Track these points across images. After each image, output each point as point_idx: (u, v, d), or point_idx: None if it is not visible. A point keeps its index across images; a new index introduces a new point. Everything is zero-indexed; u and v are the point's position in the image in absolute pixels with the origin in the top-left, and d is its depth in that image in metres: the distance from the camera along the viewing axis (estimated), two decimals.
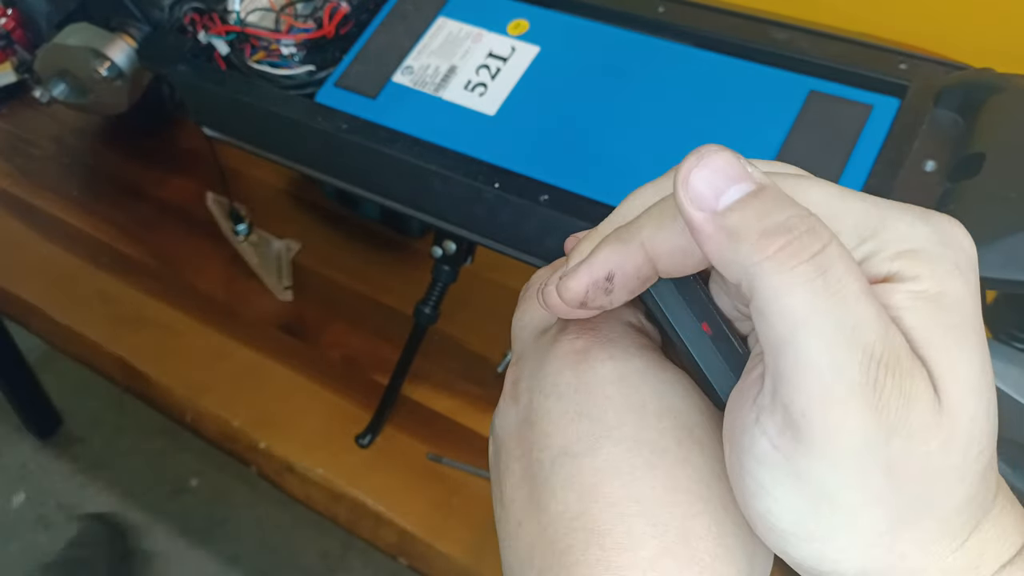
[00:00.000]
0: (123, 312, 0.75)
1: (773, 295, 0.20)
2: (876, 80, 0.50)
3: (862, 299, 0.19)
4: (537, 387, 0.25)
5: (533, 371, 0.25)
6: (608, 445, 0.23)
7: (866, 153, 0.47)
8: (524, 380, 0.26)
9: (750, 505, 0.21)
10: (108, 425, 1.53)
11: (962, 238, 0.21)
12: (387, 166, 0.54)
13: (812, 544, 0.20)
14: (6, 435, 1.52)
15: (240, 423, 0.66)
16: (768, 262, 0.20)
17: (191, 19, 0.64)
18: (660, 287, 0.24)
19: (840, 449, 0.19)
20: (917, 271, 0.21)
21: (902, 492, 0.20)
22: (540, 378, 0.25)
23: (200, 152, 0.87)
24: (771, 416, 0.20)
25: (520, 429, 0.25)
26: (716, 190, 0.20)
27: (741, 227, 0.20)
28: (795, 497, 0.20)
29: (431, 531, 0.59)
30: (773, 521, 0.21)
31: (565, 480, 0.23)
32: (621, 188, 0.48)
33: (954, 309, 0.20)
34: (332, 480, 0.62)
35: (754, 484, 0.21)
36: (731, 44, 0.53)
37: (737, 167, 0.21)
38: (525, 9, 0.58)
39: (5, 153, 0.92)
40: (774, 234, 0.20)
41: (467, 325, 0.72)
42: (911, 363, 0.20)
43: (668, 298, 0.24)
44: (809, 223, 0.20)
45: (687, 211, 0.21)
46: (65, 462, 1.49)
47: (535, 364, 0.26)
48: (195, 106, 0.64)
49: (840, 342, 0.19)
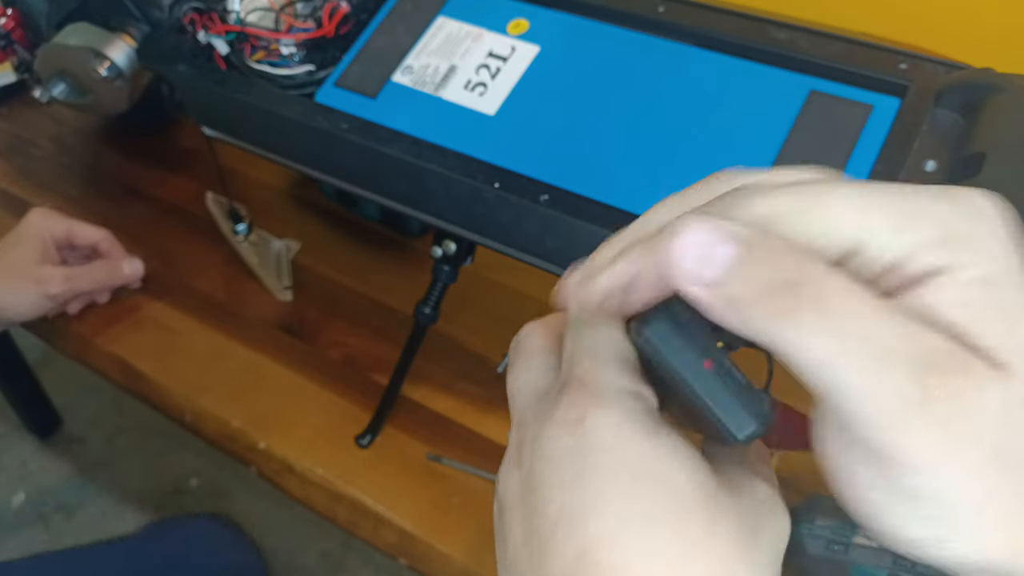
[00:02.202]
0: (123, 312, 0.75)
1: (794, 349, 0.20)
2: (876, 80, 0.50)
3: (880, 318, 0.20)
4: (537, 453, 0.25)
5: (534, 436, 0.26)
6: (604, 513, 0.23)
7: (866, 153, 0.47)
8: (526, 445, 0.26)
9: (877, 523, 0.22)
10: (108, 425, 1.53)
11: (989, 208, 0.21)
12: (387, 166, 0.54)
13: (948, 545, 0.21)
14: (6, 435, 1.53)
15: (240, 423, 0.66)
16: (776, 321, 0.20)
17: (191, 19, 0.64)
18: (656, 329, 0.24)
19: (931, 463, 0.20)
20: (958, 258, 0.20)
21: (1016, 474, 0.20)
22: (540, 444, 0.25)
23: (199, 152, 0.87)
24: (855, 451, 0.21)
25: (522, 494, 0.26)
26: (703, 261, 0.21)
27: (738, 295, 0.21)
28: (917, 511, 0.21)
29: (431, 531, 0.59)
30: (904, 535, 0.21)
31: (563, 547, 0.23)
32: (621, 188, 0.49)
33: (1003, 286, 0.20)
34: (332, 480, 0.62)
35: (872, 507, 0.21)
36: (731, 44, 0.53)
37: (715, 232, 0.21)
38: (525, 8, 0.58)
39: (5, 153, 0.92)
40: (772, 294, 0.20)
41: (467, 325, 0.72)
42: (962, 354, 0.20)
43: (667, 342, 0.24)
44: (801, 268, 0.20)
45: (686, 290, 0.21)
46: (65, 462, 1.50)
47: (535, 429, 0.26)
48: (195, 106, 0.64)
49: (875, 370, 0.19)
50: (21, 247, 0.72)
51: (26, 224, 0.73)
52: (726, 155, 0.49)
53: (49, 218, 0.74)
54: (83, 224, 0.75)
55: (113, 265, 0.74)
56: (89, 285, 0.73)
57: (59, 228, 0.74)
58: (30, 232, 0.72)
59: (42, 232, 0.73)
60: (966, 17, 0.88)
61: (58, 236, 0.73)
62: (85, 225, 0.75)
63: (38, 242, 0.72)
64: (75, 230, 0.74)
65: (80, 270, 0.72)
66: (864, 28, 0.64)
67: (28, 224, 0.73)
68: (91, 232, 0.75)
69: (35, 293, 0.70)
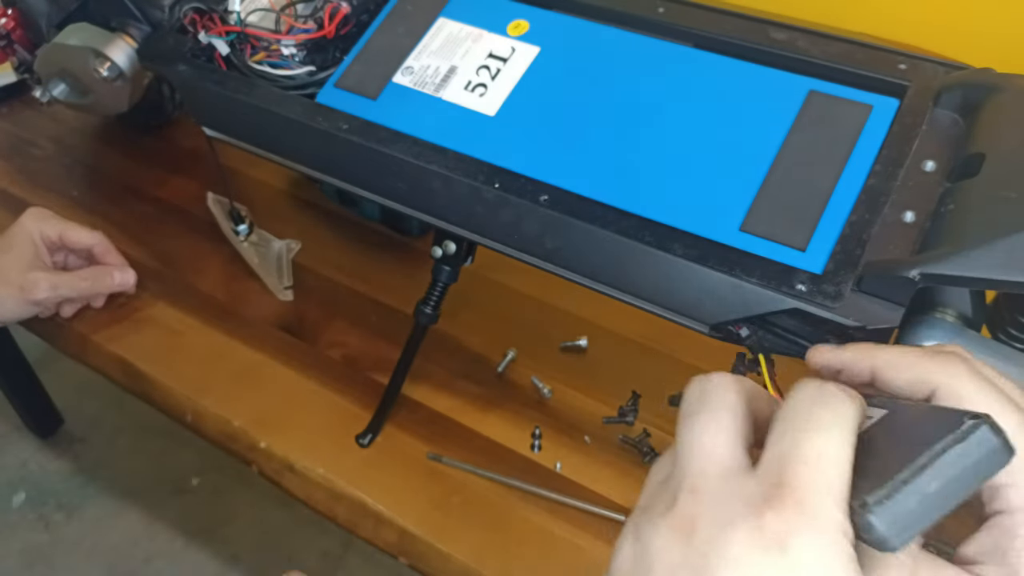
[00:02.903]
0: (124, 312, 0.75)
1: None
2: (876, 80, 0.50)
3: None
4: (720, 546, 0.24)
5: (719, 522, 0.24)
6: None
7: (866, 153, 0.47)
8: (704, 524, 0.25)
9: None
10: (108, 425, 1.53)
11: None
12: (388, 166, 0.54)
13: None
14: (7, 435, 1.53)
15: (240, 423, 0.66)
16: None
17: (191, 19, 0.64)
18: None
19: None
20: None
21: None
22: (727, 538, 0.24)
23: (200, 152, 0.87)
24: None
25: (687, 567, 0.24)
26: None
27: None
28: None
29: (431, 530, 0.59)
30: None
31: None
32: (621, 188, 0.49)
33: None
34: (332, 479, 0.63)
35: None
36: (731, 44, 0.53)
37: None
38: (525, 10, 0.58)
39: (5, 153, 0.92)
40: None
41: (467, 325, 0.72)
42: None
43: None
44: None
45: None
46: (65, 462, 1.49)
47: (722, 516, 0.24)
48: (195, 106, 0.64)
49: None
50: (11, 252, 0.71)
51: (19, 227, 0.72)
52: (725, 156, 0.49)
53: (42, 220, 0.73)
54: (76, 227, 0.74)
55: (102, 273, 0.73)
56: (75, 293, 0.72)
57: (52, 231, 0.73)
58: (22, 235, 0.72)
59: (34, 235, 0.72)
60: (966, 17, 0.88)
61: (51, 239, 0.73)
62: (78, 228, 0.74)
63: (29, 246, 0.71)
64: (68, 233, 0.73)
65: (67, 277, 0.72)
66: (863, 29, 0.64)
67: (20, 227, 0.72)
68: (84, 236, 0.74)
69: (18, 300, 0.70)
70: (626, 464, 0.62)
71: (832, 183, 0.46)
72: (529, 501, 0.60)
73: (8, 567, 1.34)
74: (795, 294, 0.42)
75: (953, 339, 0.41)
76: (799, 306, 0.42)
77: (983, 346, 0.41)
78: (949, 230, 0.41)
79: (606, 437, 0.64)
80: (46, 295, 0.70)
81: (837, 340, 0.43)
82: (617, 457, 0.62)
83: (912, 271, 0.39)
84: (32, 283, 0.70)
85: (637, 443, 0.62)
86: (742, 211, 0.46)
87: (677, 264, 0.45)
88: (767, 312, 0.44)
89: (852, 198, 0.45)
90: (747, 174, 0.47)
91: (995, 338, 0.44)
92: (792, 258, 0.44)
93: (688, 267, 0.45)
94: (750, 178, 0.47)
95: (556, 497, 0.60)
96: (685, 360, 0.68)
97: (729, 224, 0.46)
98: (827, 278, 0.43)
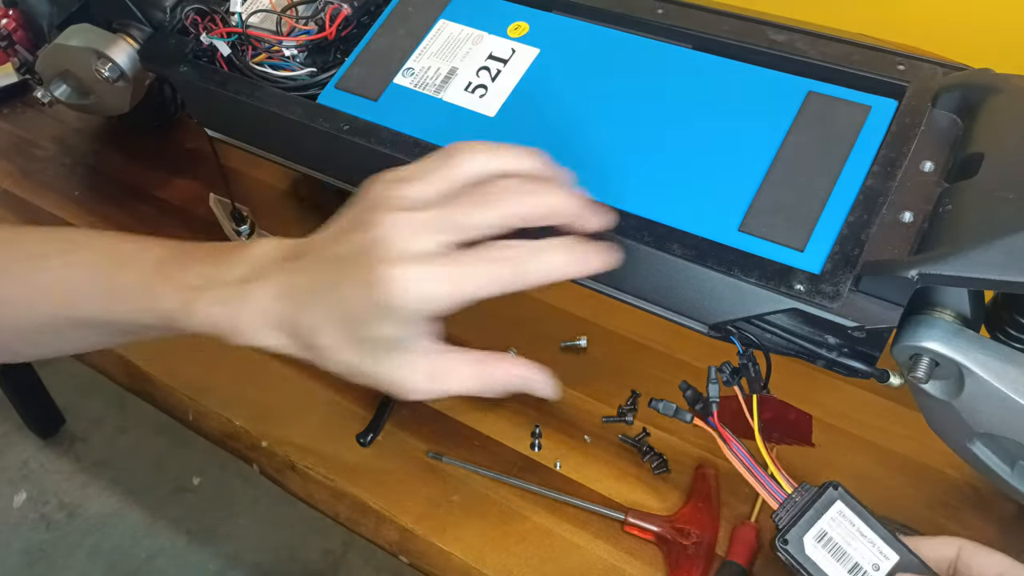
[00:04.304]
0: None
1: None
2: (874, 81, 0.50)
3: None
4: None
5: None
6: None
7: (864, 154, 0.47)
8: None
9: None
10: (110, 424, 1.54)
11: None
12: (388, 167, 0.54)
13: None
14: (8, 434, 1.53)
15: (242, 422, 0.67)
16: None
17: (193, 20, 0.65)
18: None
19: None
20: None
21: None
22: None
23: (202, 153, 0.87)
24: None
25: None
26: None
27: None
28: None
29: (432, 529, 0.59)
30: None
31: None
32: (620, 189, 0.49)
33: None
34: (333, 478, 0.63)
35: None
36: (729, 46, 0.54)
37: None
38: (525, 12, 0.58)
39: (7, 153, 0.92)
40: None
41: (467, 325, 0.72)
42: None
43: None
44: None
45: None
46: (67, 461, 1.50)
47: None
48: (197, 107, 0.64)
49: None
50: None
51: None
52: (725, 156, 0.49)
53: None
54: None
55: None
56: None
57: None
58: None
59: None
60: (965, 18, 0.89)
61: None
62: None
63: None
64: None
65: None
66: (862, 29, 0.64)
67: None
68: None
69: None
70: (625, 463, 0.62)
71: (830, 184, 0.46)
72: (529, 500, 0.61)
73: (9, 566, 1.34)
74: (793, 294, 0.43)
75: (952, 339, 0.42)
76: (797, 306, 0.43)
77: (982, 346, 0.42)
78: (947, 230, 0.41)
79: (605, 436, 0.64)
80: None
81: (836, 340, 0.43)
82: (616, 456, 0.63)
83: (910, 271, 0.39)
84: None
85: (636, 442, 0.63)
86: (741, 211, 0.46)
87: (676, 264, 0.45)
88: (766, 312, 0.44)
89: (850, 198, 0.45)
90: (746, 175, 0.48)
91: (994, 338, 0.44)
92: (790, 258, 0.44)
93: (687, 267, 0.45)
94: (749, 179, 0.48)
95: (556, 496, 0.60)
96: (684, 360, 0.68)
97: (728, 224, 0.46)
98: (825, 278, 0.43)
